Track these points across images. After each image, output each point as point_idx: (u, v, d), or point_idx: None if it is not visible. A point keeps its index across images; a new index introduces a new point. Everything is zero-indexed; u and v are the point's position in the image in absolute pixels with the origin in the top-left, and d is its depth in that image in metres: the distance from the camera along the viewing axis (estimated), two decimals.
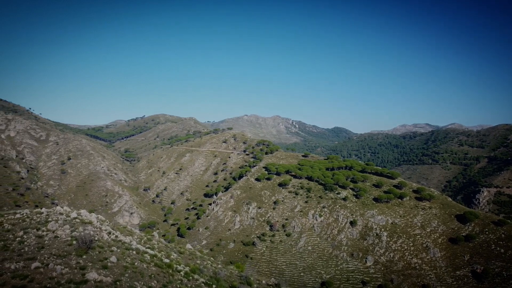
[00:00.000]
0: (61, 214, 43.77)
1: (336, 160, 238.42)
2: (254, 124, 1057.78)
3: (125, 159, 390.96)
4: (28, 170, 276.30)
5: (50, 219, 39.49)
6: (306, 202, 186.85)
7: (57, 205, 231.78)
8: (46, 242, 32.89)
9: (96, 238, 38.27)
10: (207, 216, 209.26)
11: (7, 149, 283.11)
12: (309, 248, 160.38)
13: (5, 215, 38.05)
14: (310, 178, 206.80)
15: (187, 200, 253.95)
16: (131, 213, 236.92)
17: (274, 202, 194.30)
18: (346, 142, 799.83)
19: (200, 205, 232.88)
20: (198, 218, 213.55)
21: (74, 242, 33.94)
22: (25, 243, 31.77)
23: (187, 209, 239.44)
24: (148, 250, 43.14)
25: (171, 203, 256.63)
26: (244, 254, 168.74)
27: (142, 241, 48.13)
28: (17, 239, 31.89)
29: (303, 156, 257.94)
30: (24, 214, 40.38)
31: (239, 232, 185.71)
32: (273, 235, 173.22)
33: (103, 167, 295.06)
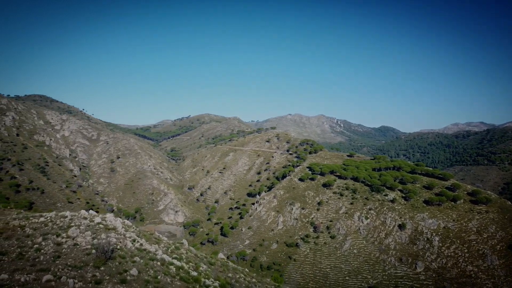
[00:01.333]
0: (84, 218, 42.02)
1: (383, 160, 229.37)
2: (297, 124, 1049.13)
3: (171, 158, 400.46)
4: (80, 168, 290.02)
5: (72, 224, 38.06)
6: (351, 203, 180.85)
7: (106, 201, 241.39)
8: (63, 250, 31.20)
9: (118, 247, 35.96)
10: (250, 216, 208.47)
11: (61, 148, 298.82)
12: (355, 251, 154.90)
13: (31, 218, 37.25)
14: (355, 179, 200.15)
15: (230, 199, 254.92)
16: (176, 211, 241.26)
17: (318, 203, 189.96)
18: (393, 141, 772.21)
19: (243, 205, 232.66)
20: (241, 217, 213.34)
21: (94, 251, 31.82)
22: (42, 251, 30.12)
23: (231, 208, 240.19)
24: (175, 261, 40.20)
25: (215, 202, 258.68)
26: (287, 255, 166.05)
27: (169, 250, 45.03)
28: (35, 246, 30.43)
29: (348, 156, 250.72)
30: (48, 218, 39.19)
31: (282, 232, 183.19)
32: (317, 237, 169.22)
33: (149, 166, 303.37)
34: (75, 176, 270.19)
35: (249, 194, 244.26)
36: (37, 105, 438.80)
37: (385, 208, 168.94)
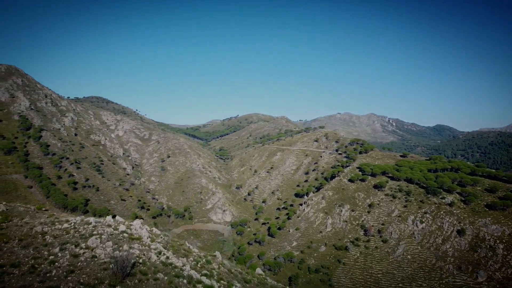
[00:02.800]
0: (109, 226, 39.54)
1: (439, 160, 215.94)
2: (347, 123, 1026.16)
3: (219, 157, 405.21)
4: (133, 167, 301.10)
5: (95, 232, 35.68)
6: (405, 206, 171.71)
7: (157, 199, 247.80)
8: (79, 264, 28.49)
9: (140, 260, 32.54)
10: (298, 217, 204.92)
11: (115, 147, 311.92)
12: (409, 257, 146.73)
13: (56, 223, 35.85)
14: (409, 180, 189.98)
15: (277, 199, 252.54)
16: (224, 211, 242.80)
17: (369, 205, 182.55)
18: (450, 141, 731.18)
19: (291, 205, 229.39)
20: (288, 218, 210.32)
21: (112, 265, 28.38)
22: (56, 264, 27.70)
23: (278, 209, 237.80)
24: (204, 279, 35.18)
25: (262, 202, 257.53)
26: (336, 258, 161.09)
27: (199, 265, 40.31)
28: (50, 257, 28.16)
29: (401, 156, 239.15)
30: (72, 224, 37.29)
31: (330, 235, 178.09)
32: (368, 241, 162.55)
33: (198, 165, 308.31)
34: (128, 174, 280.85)
35: (297, 195, 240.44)
36: (94, 106, 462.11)
37: (442, 212, 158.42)
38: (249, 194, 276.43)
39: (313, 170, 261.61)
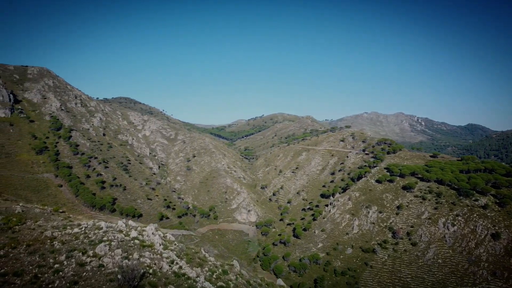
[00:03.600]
0: (120, 232, 37.56)
1: (472, 161, 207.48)
2: (374, 122, 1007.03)
3: (244, 157, 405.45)
4: (159, 166, 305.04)
5: (105, 238, 33.83)
6: (435, 208, 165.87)
7: (182, 199, 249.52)
8: (84, 274, 26.64)
9: (151, 270, 30.41)
10: (324, 218, 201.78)
11: (142, 147, 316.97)
12: (439, 261, 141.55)
13: (68, 227, 35.14)
14: (440, 182, 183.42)
15: (303, 199, 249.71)
16: (249, 211, 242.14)
17: (398, 207, 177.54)
18: (483, 140, 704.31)
19: (317, 206, 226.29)
20: (314, 219, 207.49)
21: (119, 276, 26.52)
22: (60, 273, 26.15)
23: (303, 209, 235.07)
24: None
25: (287, 202, 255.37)
26: (363, 261, 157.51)
27: (214, 276, 37.23)
28: (55, 266, 26.86)
29: (431, 156, 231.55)
30: (83, 229, 36.11)
31: (357, 237, 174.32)
32: (396, 243, 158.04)
33: (223, 165, 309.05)
34: (154, 174, 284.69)
35: (323, 195, 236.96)
36: (122, 106, 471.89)
37: (475, 215, 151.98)
38: (274, 194, 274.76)
39: (339, 171, 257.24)
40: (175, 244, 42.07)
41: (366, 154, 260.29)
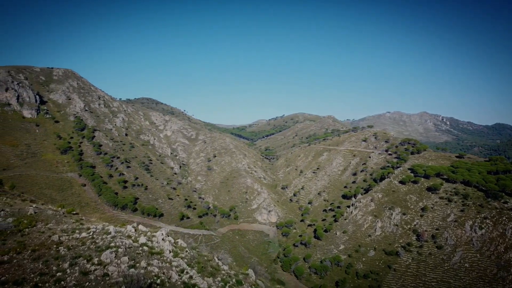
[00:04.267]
0: (128, 237, 36.02)
1: (500, 162, 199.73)
2: (397, 122, 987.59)
3: (265, 157, 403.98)
4: (180, 166, 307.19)
5: (112, 244, 32.36)
6: (461, 210, 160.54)
7: (203, 199, 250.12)
8: (87, 284, 25.21)
9: (158, 281, 28.59)
10: (345, 219, 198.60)
11: (163, 147, 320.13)
12: (466, 265, 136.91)
13: (76, 231, 33.90)
14: (466, 183, 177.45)
15: (324, 200, 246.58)
16: (269, 211, 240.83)
17: (422, 209, 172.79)
18: (511, 140, 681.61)
19: (338, 207, 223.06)
20: (335, 220, 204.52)
21: (123, 287, 25.25)
22: (62, 283, 24.83)
23: (324, 210, 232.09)
24: None
25: (308, 203, 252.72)
26: (386, 264, 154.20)
27: (227, 286, 35.66)
28: (58, 274, 25.52)
29: (457, 157, 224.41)
30: (91, 233, 34.87)
31: (380, 239, 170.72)
32: (421, 246, 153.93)
33: (244, 165, 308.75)
34: (175, 173, 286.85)
35: (344, 196, 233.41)
36: (144, 107, 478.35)
37: (504, 218, 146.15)
38: (294, 195, 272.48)
39: (361, 171, 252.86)
40: (186, 251, 40.35)
41: (389, 154, 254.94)
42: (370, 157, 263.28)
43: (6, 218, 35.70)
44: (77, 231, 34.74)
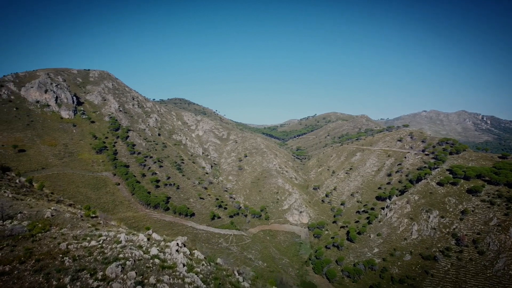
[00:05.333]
0: (139, 247, 32.86)
1: None
2: (434, 121, 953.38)
3: (296, 157, 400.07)
4: (211, 166, 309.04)
5: (121, 255, 29.73)
6: (505, 214, 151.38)
7: (234, 198, 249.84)
8: None
9: None
10: (379, 222, 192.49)
11: (195, 147, 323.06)
12: (511, 272, 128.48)
13: (87, 238, 32.11)
14: (511, 185, 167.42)
15: (357, 202, 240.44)
16: (300, 212, 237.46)
17: (462, 212, 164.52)
18: None
19: (372, 209, 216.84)
20: (369, 222, 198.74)
21: None
22: None
23: (358, 212, 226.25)
24: None
25: (341, 204, 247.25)
26: (423, 269, 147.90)
27: None
28: None
29: (499, 157, 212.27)
30: (101, 242, 32.64)
31: (416, 243, 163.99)
32: (461, 251, 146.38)
33: (275, 165, 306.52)
34: (206, 173, 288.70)
35: (378, 198, 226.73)
36: (176, 107, 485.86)
37: None
38: (326, 196, 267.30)
39: (396, 172, 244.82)
40: (203, 264, 36.07)
41: (426, 154, 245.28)
42: (405, 157, 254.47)
43: (22, 221, 35.40)
44: (88, 238, 33.14)
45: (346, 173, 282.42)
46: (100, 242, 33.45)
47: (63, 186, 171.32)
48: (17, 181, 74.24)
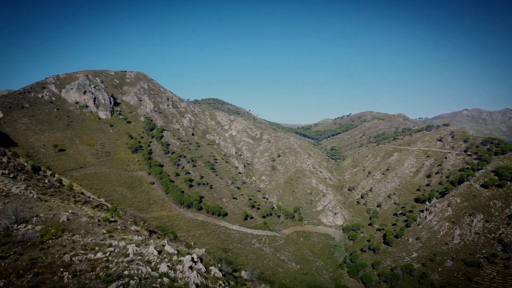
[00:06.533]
0: (148, 263, 29.00)
1: None
2: (476, 120, 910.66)
3: (330, 157, 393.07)
4: (244, 166, 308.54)
5: (126, 272, 26.37)
6: None
7: (267, 199, 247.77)
8: None
9: None
10: (418, 225, 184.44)
11: (228, 146, 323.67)
12: None
13: (97, 248, 30.20)
14: None
15: (394, 204, 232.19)
16: (335, 213, 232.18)
17: (509, 216, 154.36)
18: None
19: (410, 211, 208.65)
20: (407, 225, 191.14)
21: None
22: None
23: (395, 214, 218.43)
24: None
25: (377, 206, 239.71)
26: (465, 276, 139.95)
27: None
28: None
29: None
30: (108, 253, 29.82)
31: (459, 248, 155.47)
32: (508, 258, 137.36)
33: (308, 165, 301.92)
34: (239, 173, 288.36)
35: (417, 200, 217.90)
36: (210, 107, 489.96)
37: None
38: (362, 197, 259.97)
39: (436, 173, 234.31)
40: (220, 285, 30.87)
41: (469, 155, 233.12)
42: (446, 158, 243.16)
43: (37, 225, 34.58)
44: (96, 248, 30.82)
45: (383, 174, 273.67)
46: (107, 255, 30.78)
47: (100, 185, 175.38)
48: (46, 181, 75.41)
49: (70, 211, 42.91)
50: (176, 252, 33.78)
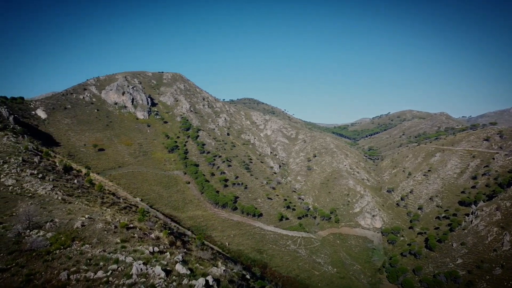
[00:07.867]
0: None
1: None
2: None
3: (368, 158, 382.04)
4: (279, 166, 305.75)
5: None
6: None
7: (303, 199, 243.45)
8: None
9: None
10: (463, 229, 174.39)
11: (263, 146, 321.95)
12: None
13: (101, 263, 27.54)
14: None
15: (437, 206, 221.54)
16: (373, 216, 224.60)
17: None
18: None
19: (454, 215, 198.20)
20: (451, 230, 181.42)
21: None
22: None
23: (437, 217, 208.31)
24: None
25: (418, 209, 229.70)
26: None
27: None
28: None
29: None
30: (110, 272, 26.18)
31: (509, 255, 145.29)
32: None
33: (345, 165, 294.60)
34: (275, 173, 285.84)
35: (461, 203, 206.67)
36: (246, 107, 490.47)
37: None
38: (402, 199, 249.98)
39: (482, 175, 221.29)
40: None
41: None
42: (494, 158, 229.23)
43: (49, 231, 33.25)
44: (101, 263, 28.50)
45: (424, 175, 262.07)
46: (108, 274, 27.14)
47: (137, 184, 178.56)
48: (75, 181, 75.81)
49: (87, 215, 41.60)
50: (188, 273, 29.41)
